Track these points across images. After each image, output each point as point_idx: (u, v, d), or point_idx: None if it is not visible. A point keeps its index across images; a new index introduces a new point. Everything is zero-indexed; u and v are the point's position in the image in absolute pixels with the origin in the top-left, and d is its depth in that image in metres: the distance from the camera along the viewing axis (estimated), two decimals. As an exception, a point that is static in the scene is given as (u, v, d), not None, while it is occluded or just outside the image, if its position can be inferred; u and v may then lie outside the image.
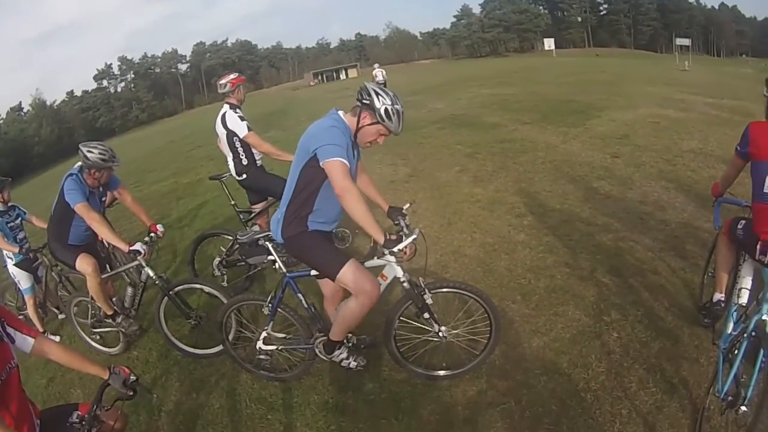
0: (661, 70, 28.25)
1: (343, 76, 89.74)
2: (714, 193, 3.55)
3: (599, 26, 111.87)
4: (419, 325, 3.39)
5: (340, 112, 3.14)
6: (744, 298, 3.16)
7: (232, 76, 5.16)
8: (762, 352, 2.49)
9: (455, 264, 5.19)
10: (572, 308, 4.11)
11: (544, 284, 4.54)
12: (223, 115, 5.02)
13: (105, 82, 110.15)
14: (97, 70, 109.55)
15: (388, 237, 2.96)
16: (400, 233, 3.16)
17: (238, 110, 5.03)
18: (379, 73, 26.58)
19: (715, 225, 3.56)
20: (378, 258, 3.21)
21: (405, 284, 3.20)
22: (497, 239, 5.62)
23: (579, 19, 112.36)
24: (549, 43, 68.90)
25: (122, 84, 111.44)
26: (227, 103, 5.09)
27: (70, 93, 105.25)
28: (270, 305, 3.50)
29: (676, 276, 4.37)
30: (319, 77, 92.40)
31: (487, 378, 3.47)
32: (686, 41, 42.96)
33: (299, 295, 3.47)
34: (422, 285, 3.23)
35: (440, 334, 3.34)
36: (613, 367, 3.39)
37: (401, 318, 3.38)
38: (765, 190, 2.85)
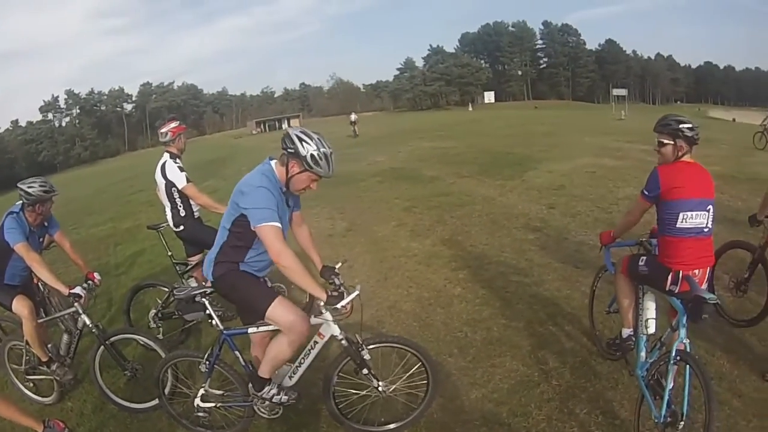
0: (598, 121, 29.57)
1: (285, 125, 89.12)
2: (605, 241, 3.85)
3: (539, 79, 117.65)
4: (358, 380, 3.39)
5: (273, 162, 3.10)
6: (652, 328, 3.45)
7: (173, 124, 5.04)
8: (688, 369, 2.75)
9: (391, 319, 5.19)
10: (509, 359, 4.20)
11: (480, 336, 4.62)
12: (163, 165, 4.96)
13: (50, 115, 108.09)
14: (44, 101, 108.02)
15: (330, 294, 2.99)
16: (341, 290, 3.20)
17: (178, 160, 4.98)
18: (352, 115, 33.77)
19: (609, 270, 3.89)
20: (315, 316, 3.21)
21: (343, 341, 3.20)
22: (433, 293, 5.68)
23: (519, 72, 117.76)
24: (489, 96, 71.74)
25: (67, 119, 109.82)
26: (167, 151, 5.02)
27: (15, 122, 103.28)
28: (207, 362, 3.45)
29: (612, 320, 4.43)
30: (262, 126, 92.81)
31: (426, 431, 3.49)
32: (623, 91, 45.94)
33: (236, 352, 3.44)
34: (359, 341, 3.23)
35: (379, 389, 3.33)
36: (553, 414, 3.47)
37: (340, 374, 3.39)
38: (678, 225, 3.13)
